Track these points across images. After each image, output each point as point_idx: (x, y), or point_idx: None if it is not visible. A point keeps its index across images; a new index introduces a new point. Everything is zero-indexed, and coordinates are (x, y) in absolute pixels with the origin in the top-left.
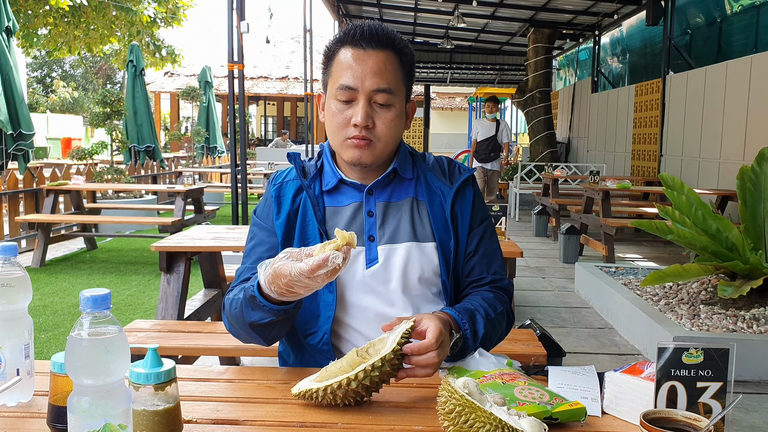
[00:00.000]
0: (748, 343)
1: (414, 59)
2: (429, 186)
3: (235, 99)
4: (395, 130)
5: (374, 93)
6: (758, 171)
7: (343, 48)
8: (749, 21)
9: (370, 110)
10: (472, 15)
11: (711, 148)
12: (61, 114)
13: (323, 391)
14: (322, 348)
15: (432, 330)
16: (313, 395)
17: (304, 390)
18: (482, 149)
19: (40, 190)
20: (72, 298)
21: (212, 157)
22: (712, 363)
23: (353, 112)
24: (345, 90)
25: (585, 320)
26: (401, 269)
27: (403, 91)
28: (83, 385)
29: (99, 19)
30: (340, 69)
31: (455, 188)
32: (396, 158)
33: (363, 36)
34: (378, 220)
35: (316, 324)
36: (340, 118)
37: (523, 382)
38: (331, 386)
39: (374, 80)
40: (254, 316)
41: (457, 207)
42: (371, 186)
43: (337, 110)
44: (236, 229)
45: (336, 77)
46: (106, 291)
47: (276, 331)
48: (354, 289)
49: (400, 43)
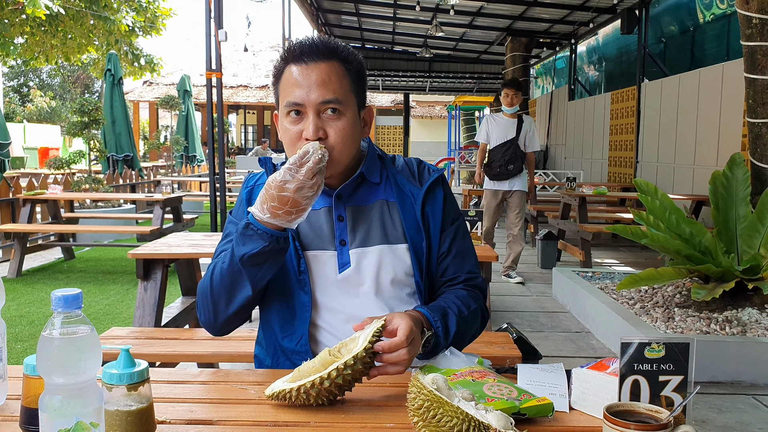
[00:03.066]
0: (722, 344)
1: (362, 66)
2: (399, 188)
3: (213, 107)
4: (349, 139)
5: (321, 105)
6: (730, 176)
7: (288, 66)
8: (721, 29)
9: (320, 122)
10: (451, 24)
11: (685, 154)
12: (38, 124)
13: (296, 391)
14: (300, 349)
15: (402, 328)
16: (286, 395)
17: (277, 391)
18: (496, 159)
19: (17, 199)
20: (49, 309)
21: (191, 166)
22: (673, 357)
23: (303, 126)
24: (292, 106)
25: (562, 324)
26: (374, 272)
27: (352, 99)
28: (55, 384)
29: (76, 28)
30: (287, 87)
31: (424, 189)
32: (363, 163)
33: (304, 51)
34: (348, 224)
35: (293, 326)
36: (292, 134)
37: (492, 380)
38: (305, 386)
39: (320, 92)
40: (246, 249)
41: (428, 208)
42: (339, 191)
43: (289, 127)
44: (214, 236)
45: (284, 96)
46: (78, 291)
47: (264, 270)
48: (327, 292)
49: (343, 51)
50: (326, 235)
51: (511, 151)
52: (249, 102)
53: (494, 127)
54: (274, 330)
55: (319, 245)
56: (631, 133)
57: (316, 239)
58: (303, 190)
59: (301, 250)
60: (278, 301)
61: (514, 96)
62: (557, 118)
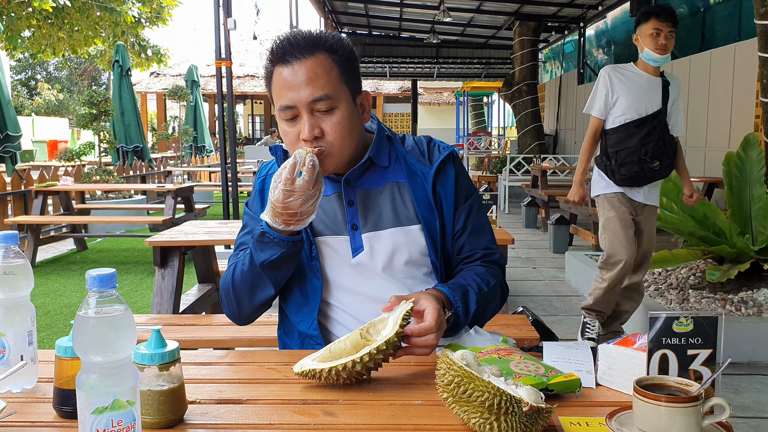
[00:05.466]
0: (737, 325)
1: (351, 51)
2: (409, 168)
3: (223, 96)
4: (347, 131)
5: (313, 103)
6: (743, 156)
7: (276, 68)
8: (732, 10)
9: (315, 120)
10: (458, 9)
11: (697, 136)
12: (46, 117)
13: (327, 371)
14: (311, 333)
15: (431, 312)
16: (316, 374)
17: (307, 369)
18: (629, 147)
19: (29, 191)
20: (64, 299)
21: (200, 156)
22: (701, 331)
23: (300, 127)
24: (286, 110)
25: (576, 308)
26: (388, 255)
27: (344, 89)
28: (91, 363)
29: (83, 21)
30: (278, 90)
31: (435, 168)
32: (371, 146)
33: (286, 50)
34: (359, 208)
35: (305, 311)
36: (291, 136)
37: (518, 357)
38: (336, 368)
39: (308, 91)
40: (264, 255)
41: (439, 187)
42: (347, 176)
43: (286, 129)
44: (229, 223)
45: (276, 99)
46: (112, 270)
47: (284, 272)
48: (342, 278)
49: (327, 41)
50: (338, 221)
51: (657, 133)
52: (256, 92)
53: (623, 88)
54: (289, 315)
55: (331, 231)
56: None
57: (328, 225)
58: (308, 202)
59: (312, 237)
60: (291, 288)
61: (668, 35)
62: (566, 102)
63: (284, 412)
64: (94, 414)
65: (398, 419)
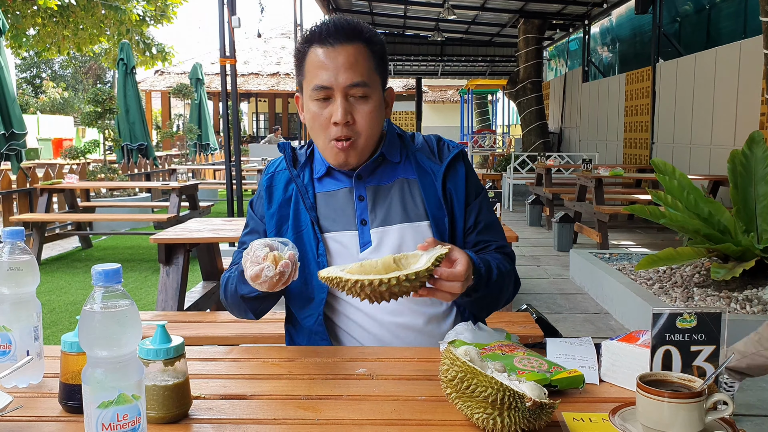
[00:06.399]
0: (742, 323)
1: (384, 47)
2: (419, 165)
3: (227, 94)
4: (376, 122)
5: (349, 88)
6: (748, 154)
7: (312, 47)
8: (738, 7)
9: (348, 106)
10: (462, 7)
11: (702, 134)
12: (51, 115)
13: (353, 283)
14: (316, 329)
15: (463, 263)
16: (340, 283)
17: (333, 276)
18: None
19: (34, 189)
20: (68, 296)
21: (205, 154)
22: (705, 327)
23: (332, 110)
24: (320, 90)
25: (580, 306)
26: (395, 250)
27: (378, 81)
28: (97, 357)
29: (88, 19)
30: (313, 69)
31: (445, 166)
32: (383, 143)
33: (330, 32)
34: (369, 203)
35: (310, 307)
36: (320, 119)
37: (522, 353)
38: (362, 282)
39: (347, 75)
40: (244, 290)
41: (450, 184)
42: (359, 171)
43: (316, 111)
44: (233, 221)
45: (310, 78)
46: (117, 265)
47: (265, 305)
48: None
49: (368, 33)
50: (348, 216)
51: None
52: (260, 90)
53: None
54: (294, 311)
55: (339, 226)
56: (646, 114)
57: (337, 220)
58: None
59: (320, 233)
60: (297, 284)
61: None
62: (571, 100)
63: (288, 407)
64: (100, 408)
65: (402, 414)
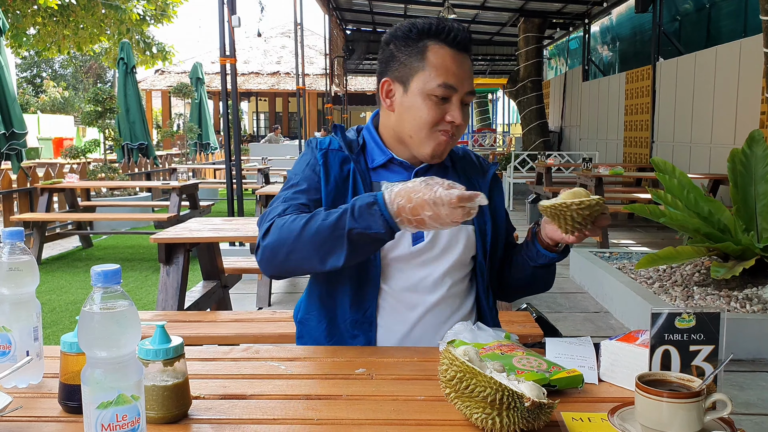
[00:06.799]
0: (742, 322)
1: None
2: (465, 174)
3: (227, 94)
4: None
5: (467, 95)
6: (748, 153)
7: (438, 45)
8: (738, 6)
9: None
10: (463, 6)
11: (702, 133)
12: (51, 114)
13: (578, 204)
14: (368, 318)
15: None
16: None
17: (557, 202)
18: None
19: (35, 189)
20: (69, 296)
21: (205, 153)
22: (704, 327)
23: (446, 109)
24: (447, 89)
25: (580, 305)
26: (443, 247)
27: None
28: (96, 358)
29: (88, 18)
30: (439, 66)
31: (490, 178)
32: None
33: (457, 38)
34: None
35: (360, 297)
36: (434, 113)
37: (521, 353)
38: (585, 202)
39: (468, 83)
40: (358, 225)
41: (494, 194)
42: (418, 169)
43: (432, 104)
44: (233, 220)
45: (432, 73)
46: (116, 266)
47: (367, 249)
48: (399, 263)
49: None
50: None
51: None
52: (260, 89)
53: None
54: (338, 302)
55: None
56: (646, 113)
57: None
58: (445, 225)
59: None
60: (347, 274)
61: None
62: (571, 99)
63: (288, 407)
64: (99, 409)
65: (401, 414)
